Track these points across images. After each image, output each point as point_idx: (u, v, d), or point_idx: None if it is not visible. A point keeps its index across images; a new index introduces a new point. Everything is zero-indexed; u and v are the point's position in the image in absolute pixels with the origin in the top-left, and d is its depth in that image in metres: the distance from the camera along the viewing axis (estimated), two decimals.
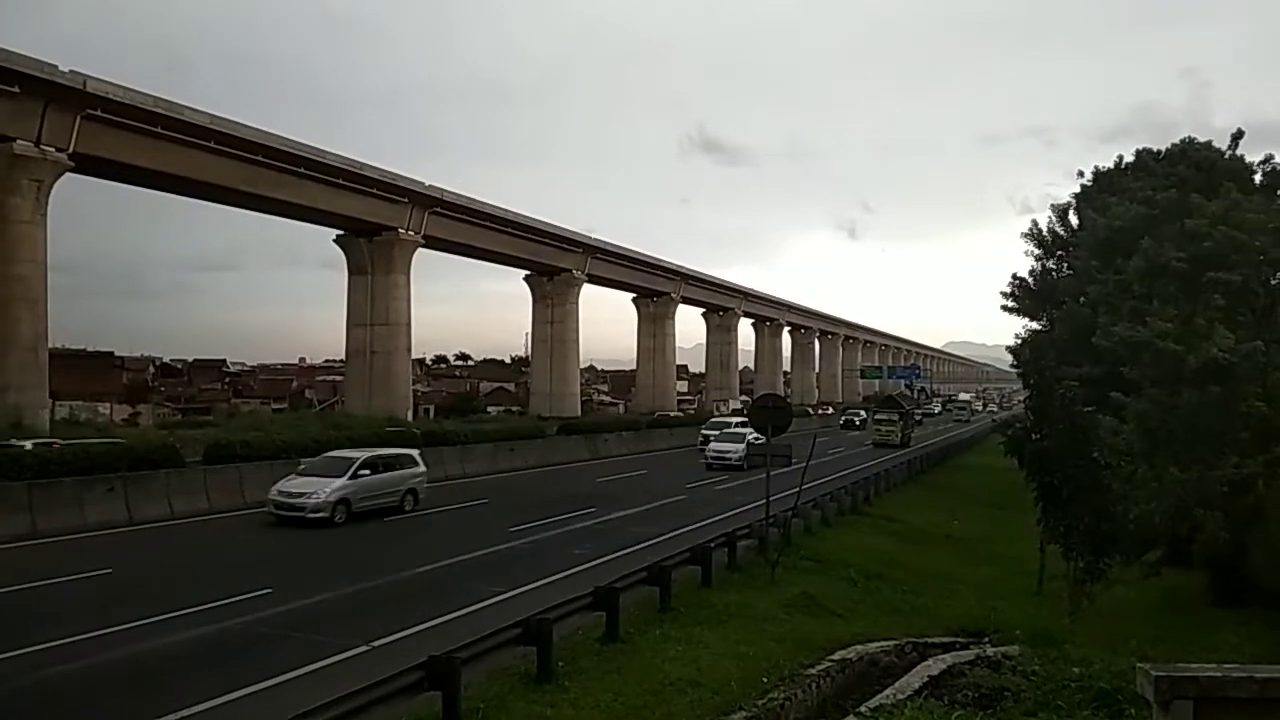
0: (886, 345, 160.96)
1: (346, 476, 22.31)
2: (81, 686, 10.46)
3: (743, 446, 35.21)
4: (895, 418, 58.17)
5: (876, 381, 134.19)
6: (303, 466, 23.68)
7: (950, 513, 31.98)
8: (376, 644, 11.99)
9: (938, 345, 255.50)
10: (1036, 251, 49.31)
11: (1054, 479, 22.11)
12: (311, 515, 21.26)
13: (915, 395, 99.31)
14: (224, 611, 13.49)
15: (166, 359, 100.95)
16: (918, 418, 67.58)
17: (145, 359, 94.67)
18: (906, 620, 16.64)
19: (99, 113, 33.89)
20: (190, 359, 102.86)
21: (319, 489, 21.72)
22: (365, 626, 12.73)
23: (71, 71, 32.66)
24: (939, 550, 25.92)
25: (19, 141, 32.16)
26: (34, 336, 33.64)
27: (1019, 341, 55.75)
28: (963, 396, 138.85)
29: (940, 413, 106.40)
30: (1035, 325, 51.22)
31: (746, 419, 35.06)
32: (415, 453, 25.87)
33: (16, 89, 31.16)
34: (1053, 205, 48.46)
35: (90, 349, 79.95)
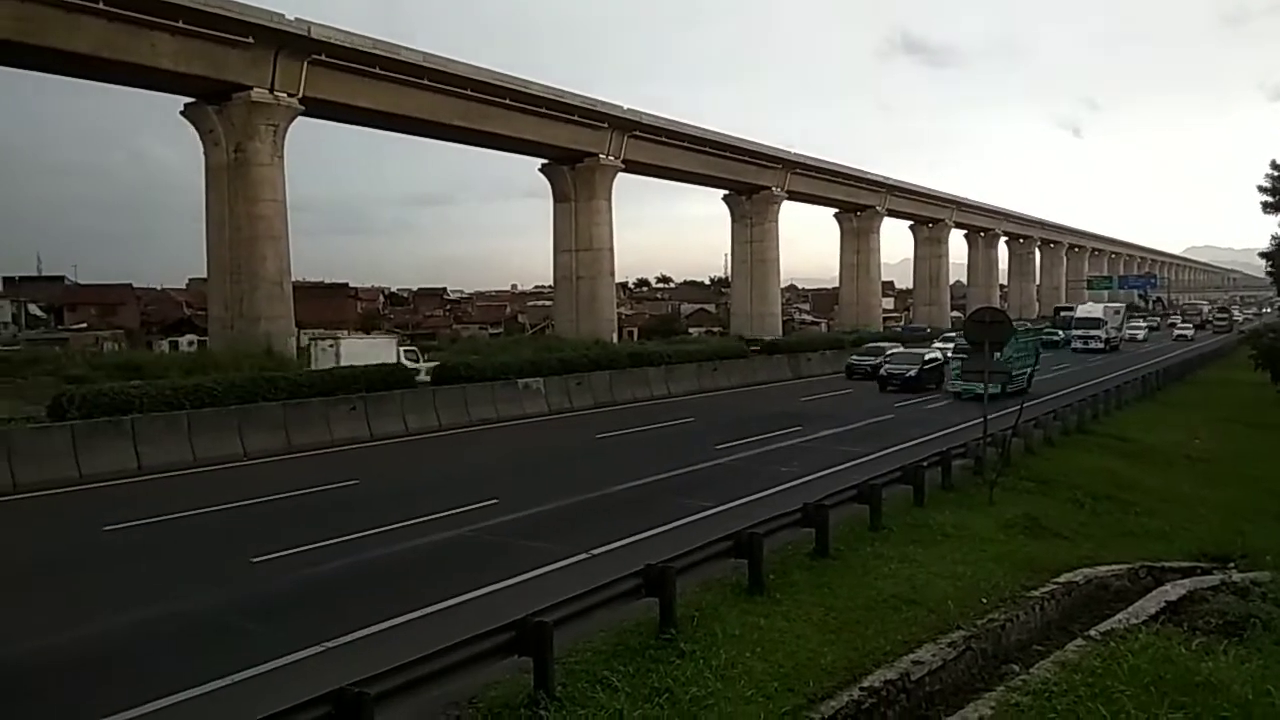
0: (1117, 253, 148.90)
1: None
2: (351, 580, 11.57)
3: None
4: None
5: (1105, 292, 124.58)
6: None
7: (1190, 431, 29.52)
8: (595, 552, 12.56)
9: (1176, 251, 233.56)
10: None
11: None
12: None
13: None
14: (456, 520, 14.52)
15: (394, 288, 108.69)
16: None
17: (376, 289, 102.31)
18: (1140, 544, 15.68)
19: (323, 57, 35.97)
20: (415, 288, 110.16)
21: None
22: (585, 536, 13.35)
23: (297, 19, 34.75)
24: (1177, 471, 24.06)
25: (255, 89, 34.72)
26: (278, 270, 36.72)
27: (1275, 244, 50.14)
28: (1085, 309, 69.18)
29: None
30: None
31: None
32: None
33: (250, 39, 33.53)
34: None
35: (328, 281, 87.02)
